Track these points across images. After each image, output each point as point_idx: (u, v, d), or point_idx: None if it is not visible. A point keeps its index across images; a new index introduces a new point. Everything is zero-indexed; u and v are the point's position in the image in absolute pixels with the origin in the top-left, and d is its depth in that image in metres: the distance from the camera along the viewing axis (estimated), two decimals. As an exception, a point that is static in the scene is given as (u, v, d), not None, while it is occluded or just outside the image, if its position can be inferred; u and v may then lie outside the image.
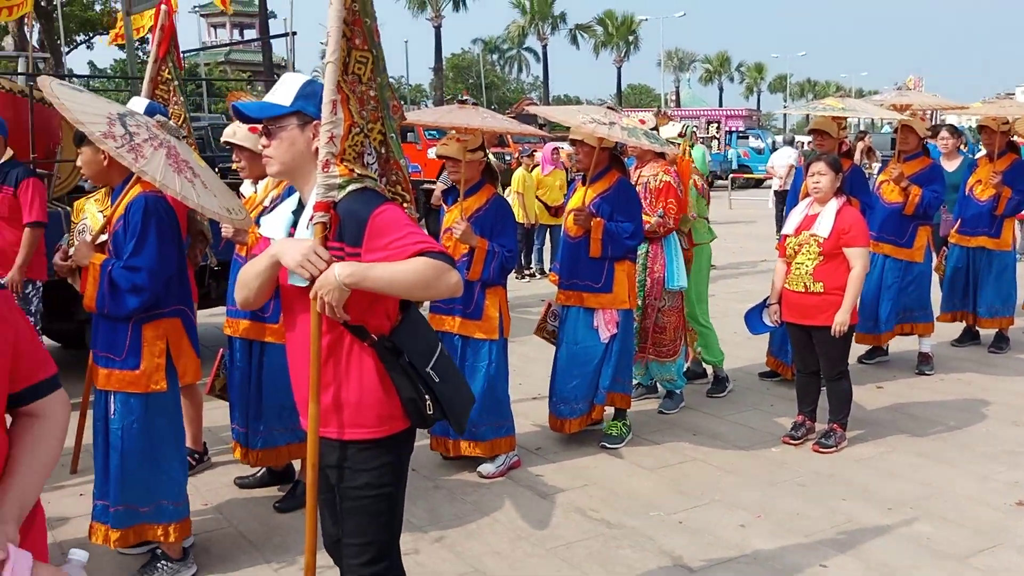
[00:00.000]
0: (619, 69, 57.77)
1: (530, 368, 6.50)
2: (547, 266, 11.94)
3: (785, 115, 57.69)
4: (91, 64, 45.00)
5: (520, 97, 54.58)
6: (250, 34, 45.99)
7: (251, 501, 4.42)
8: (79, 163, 3.43)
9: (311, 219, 2.30)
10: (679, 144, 5.79)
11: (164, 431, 3.51)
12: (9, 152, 5.21)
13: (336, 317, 2.26)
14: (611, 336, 4.91)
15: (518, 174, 11.54)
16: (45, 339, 5.65)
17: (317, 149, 2.32)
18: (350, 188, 2.29)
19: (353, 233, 2.28)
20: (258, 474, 4.59)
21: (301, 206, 2.43)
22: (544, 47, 55.72)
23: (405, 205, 2.53)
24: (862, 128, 27.67)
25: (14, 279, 5.11)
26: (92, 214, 3.63)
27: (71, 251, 3.45)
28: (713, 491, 4.53)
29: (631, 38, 57.79)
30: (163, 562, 3.60)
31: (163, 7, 4.35)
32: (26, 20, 13.15)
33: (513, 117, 12.97)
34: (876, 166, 13.13)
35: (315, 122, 2.35)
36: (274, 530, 4.08)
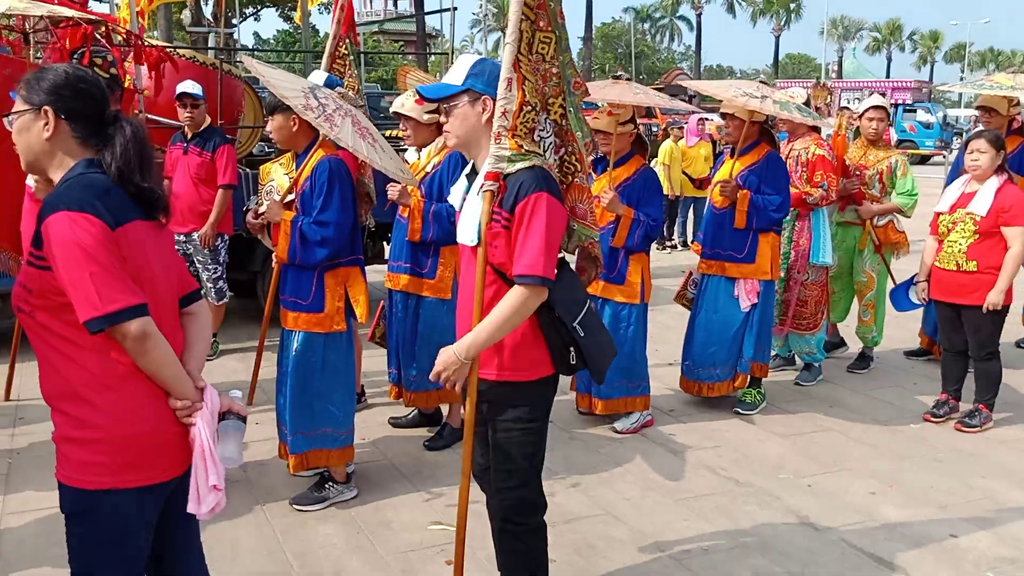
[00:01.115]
0: (777, 38, 55.94)
1: (666, 335, 6.70)
2: (690, 238, 11.99)
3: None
4: (256, 35, 47.53)
5: (670, 67, 53.71)
6: (403, 6, 47.24)
7: (403, 439, 4.86)
8: (269, 129, 3.87)
9: (481, 187, 2.61)
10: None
11: (337, 367, 3.95)
12: (207, 119, 5.85)
13: (458, 389, 2.68)
14: (751, 306, 5.07)
15: (665, 146, 11.60)
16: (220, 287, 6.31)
17: (488, 122, 2.62)
18: (521, 165, 2.57)
19: (511, 203, 2.58)
20: (409, 415, 5.03)
21: (475, 173, 2.76)
22: (699, 15, 54.52)
23: (578, 174, 2.79)
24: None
25: (207, 234, 5.79)
26: (279, 176, 4.07)
27: (261, 209, 3.92)
28: (844, 460, 4.64)
29: (792, 5, 55.69)
30: (330, 483, 4.06)
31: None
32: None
33: (661, 88, 13.01)
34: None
35: (483, 97, 2.65)
36: (423, 465, 4.50)
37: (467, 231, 2.68)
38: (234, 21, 30.74)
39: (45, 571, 3.41)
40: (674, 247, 11.96)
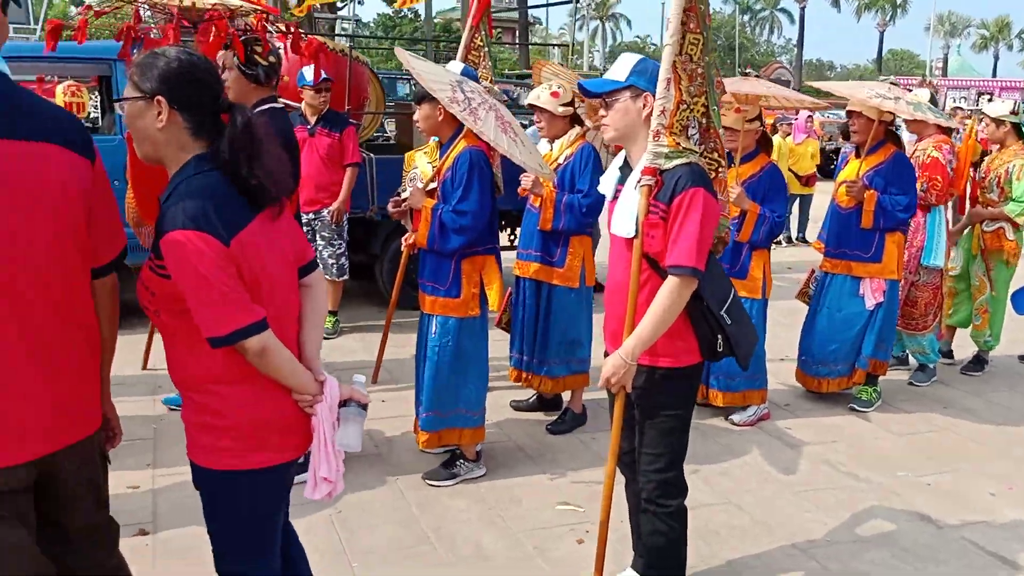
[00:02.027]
0: (882, 34, 54.30)
1: (778, 331, 6.69)
2: (794, 235, 11.87)
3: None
4: (356, 20, 48.33)
5: (769, 60, 52.66)
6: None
7: (525, 422, 5.04)
8: (416, 118, 4.06)
9: (638, 181, 2.74)
10: (1007, 123, 5.74)
11: (471, 350, 4.14)
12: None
13: (627, 390, 2.80)
14: (876, 304, 5.08)
15: (774, 142, 11.48)
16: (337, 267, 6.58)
17: (647, 118, 2.75)
18: (678, 161, 2.70)
19: (668, 196, 2.70)
20: (530, 399, 5.20)
21: (628, 167, 2.89)
22: (802, 9, 53.29)
23: (720, 169, 2.91)
24: None
25: (340, 209, 6.12)
26: (422, 164, 4.28)
27: (404, 195, 4.12)
28: (962, 459, 4.64)
29: (899, 1, 53.95)
30: (461, 461, 4.26)
31: (481, -19, 4.91)
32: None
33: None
34: None
35: (645, 94, 2.77)
36: (547, 448, 4.67)
37: (623, 223, 2.81)
38: (339, 5, 31.44)
39: (196, 530, 3.68)
40: (778, 243, 11.84)
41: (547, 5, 19.50)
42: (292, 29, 4.16)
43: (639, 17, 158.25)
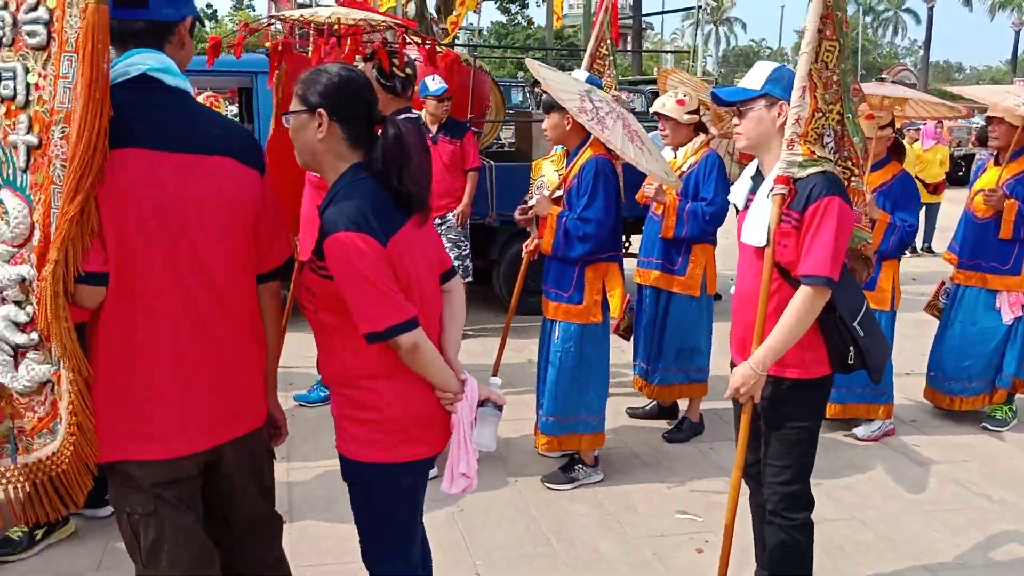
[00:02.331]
0: (1017, 33, 51.48)
1: (902, 344, 6.47)
2: (920, 245, 11.43)
3: None
4: (468, 28, 48.99)
5: (891, 62, 50.70)
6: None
7: (642, 429, 5.05)
8: (544, 126, 4.14)
9: (771, 189, 2.73)
10: None
11: (593, 357, 4.18)
12: None
13: (755, 400, 2.78)
14: (1016, 319, 4.87)
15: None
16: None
17: (781, 127, 2.74)
18: (812, 170, 2.68)
19: (802, 205, 2.68)
20: (647, 407, 5.20)
21: (760, 176, 2.88)
22: (930, 9, 51.15)
23: (854, 178, 2.87)
24: None
25: (464, 212, 6.32)
26: (549, 172, 4.35)
27: (530, 202, 4.20)
28: (1110, 486, 4.39)
29: (1038, -2, 51.19)
30: (580, 465, 4.31)
31: (607, -9, 4.96)
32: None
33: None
34: None
35: (780, 103, 2.76)
36: (664, 456, 4.67)
37: (754, 232, 2.80)
38: (454, 13, 32.02)
39: (328, 522, 3.85)
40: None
41: (663, 13, 19.35)
42: (429, 42, 4.31)
43: (754, 20, 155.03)
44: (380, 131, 2.19)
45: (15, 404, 1.97)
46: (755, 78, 2.80)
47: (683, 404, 5.04)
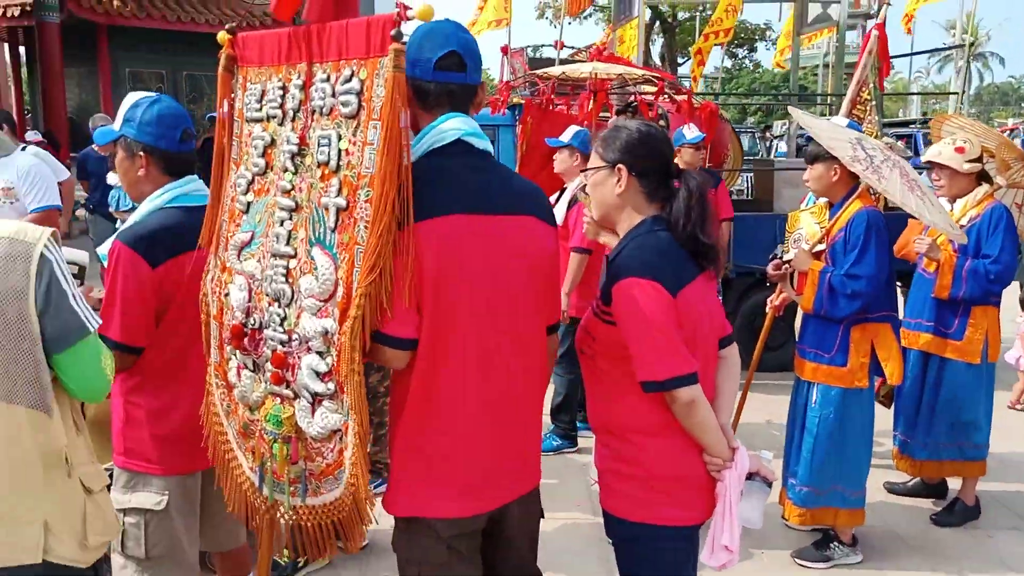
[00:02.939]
0: None
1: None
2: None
3: None
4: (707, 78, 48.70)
5: None
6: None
7: (904, 507, 4.59)
8: (806, 177, 3.89)
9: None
10: None
11: (856, 423, 3.84)
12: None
13: None
14: None
15: None
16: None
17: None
18: None
19: None
20: (910, 483, 4.73)
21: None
22: None
23: None
24: None
25: (722, 261, 6.17)
26: (808, 224, 4.09)
27: (787, 256, 3.96)
28: None
29: None
30: (836, 543, 3.96)
31: (875, 32, 4.67)
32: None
33: None
34: None
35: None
36: (932, 540, 4.20)
37: None
38: (679, 61, 31.90)
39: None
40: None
41: (913, 53, 18.24)
42: (687, 94, 4.22)
43: (1015, 55, 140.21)
44: (678, 185, 2.18)
45: (308, 448, 2.05)
46: None
47: (953, 483, 4.54)
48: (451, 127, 2.00)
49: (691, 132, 5.91)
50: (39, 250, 1.81)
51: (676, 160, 6.07)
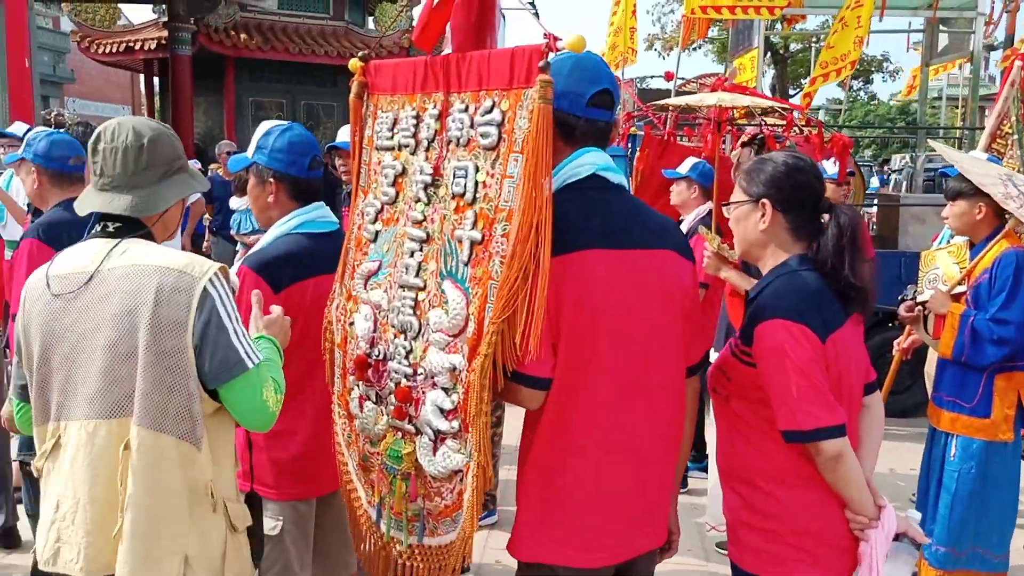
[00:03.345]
0: None
1: None
2: None
3: None
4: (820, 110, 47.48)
5: None
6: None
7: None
8: (945, 214, 3.65)
9: None
10: None
11: (1000, 480, 3.56)
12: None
13: None
14: None
15: None
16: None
17: None
18: None
19: None
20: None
21: None
22: None
23: None
24: None
25: None
26: (946, 264, 3.85)
27: (922, 298, 3.72)
28: None
29: None
30: (971, 609, 3.67)
31: (1017, 63, 4.40)
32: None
33: None
34: None
35: None
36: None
37: None
38: (791, 92, 31.20)
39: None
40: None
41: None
42: (819, 125, 4.07)
43: None
44: (827, 220, 2.05)
45: (428, 486, 1.99)
46: None
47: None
48: (587, 161, 1.94)
49: (832, 168, 5.67)
50: (202, 284, 1.83)
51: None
